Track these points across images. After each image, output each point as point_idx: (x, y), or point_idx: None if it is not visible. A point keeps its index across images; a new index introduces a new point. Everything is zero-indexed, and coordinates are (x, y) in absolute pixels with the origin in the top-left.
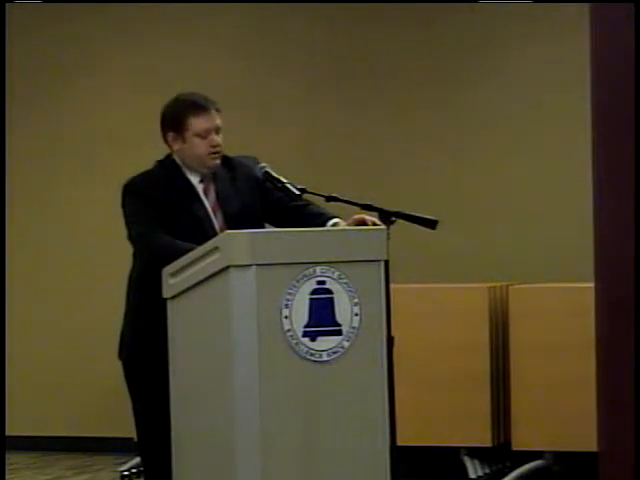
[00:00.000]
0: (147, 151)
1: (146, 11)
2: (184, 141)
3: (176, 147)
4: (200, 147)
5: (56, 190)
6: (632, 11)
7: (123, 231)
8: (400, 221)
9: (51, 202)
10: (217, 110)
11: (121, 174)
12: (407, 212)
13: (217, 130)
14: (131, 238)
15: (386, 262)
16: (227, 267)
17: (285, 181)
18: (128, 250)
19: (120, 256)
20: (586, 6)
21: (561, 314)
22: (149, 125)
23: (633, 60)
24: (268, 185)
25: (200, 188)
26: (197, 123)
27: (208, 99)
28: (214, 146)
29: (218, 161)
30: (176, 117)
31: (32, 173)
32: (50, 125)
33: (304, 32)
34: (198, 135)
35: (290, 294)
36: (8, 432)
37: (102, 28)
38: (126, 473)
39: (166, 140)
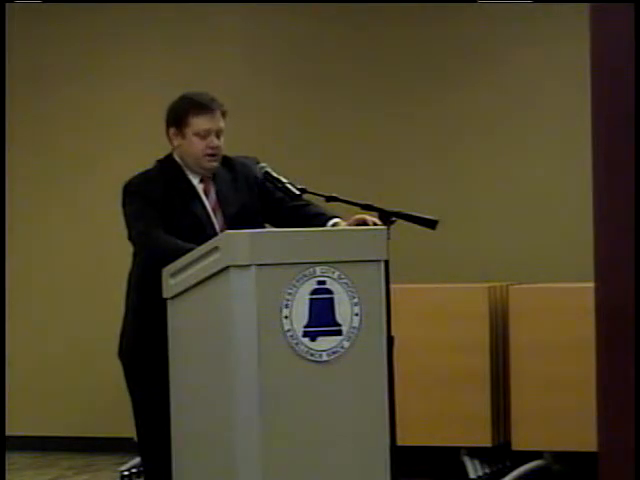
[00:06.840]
0: (148, 150)
1: (147, 11)
2: (183, 137)
3: (176, 142)
4: (197, 146)
5: (55, 190)
6: (632, 11)
7: (123, 231)
8: (400, 221)
9: (50, 203)
10: (223, 112)
11: (121, 174)
12: (407, 212)
13: (218, 132)
14: (131, 238)
15: (386, 262)
16: (227, 267)
17: (285, 181)
18: (128, 250)
19: (120, 256)
20: (586, 6)
21: (561, 314)
22: (149, 125)
23: (633, 60)
24: (268, 185)
25: (200, 188)
26: (198, 122)
27: (215, 100)
28: (211, 148)
29: (215, 164)
30: (179, 113)
31: (32, 173)
32: (50, 125)
33: (305, 33)
34: (197, 134)
35: (290, 294)
36: (8, 432)
37: (102, 28)
38: (126, 473)
39: (168, 136)
